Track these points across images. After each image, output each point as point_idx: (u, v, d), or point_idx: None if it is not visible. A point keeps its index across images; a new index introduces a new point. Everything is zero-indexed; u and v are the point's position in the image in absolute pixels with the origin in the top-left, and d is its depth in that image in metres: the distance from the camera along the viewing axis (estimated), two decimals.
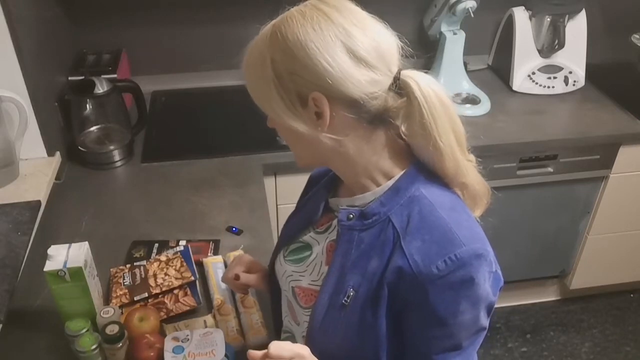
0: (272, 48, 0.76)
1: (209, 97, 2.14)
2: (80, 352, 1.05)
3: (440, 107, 0.76)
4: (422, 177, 0.81)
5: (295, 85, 0.75)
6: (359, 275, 0.80)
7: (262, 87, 0.78)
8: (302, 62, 0.73)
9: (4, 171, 1.52)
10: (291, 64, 0.74)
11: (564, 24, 2.10)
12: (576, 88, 2.15)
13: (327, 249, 0.89)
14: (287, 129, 0.79)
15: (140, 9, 2.01)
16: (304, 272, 0.92)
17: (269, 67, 0.76)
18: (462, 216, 0.80)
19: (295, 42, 0.73)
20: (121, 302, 1.20)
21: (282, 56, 0.75)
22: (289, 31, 0.74)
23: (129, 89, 1.78)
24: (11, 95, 1.47)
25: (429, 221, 0.77)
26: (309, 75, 0.74)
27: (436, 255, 0.74)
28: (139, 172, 1.72)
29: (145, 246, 1.39)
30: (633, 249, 2.28)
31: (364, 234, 0.81)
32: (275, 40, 0.75)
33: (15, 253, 1.29)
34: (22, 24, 1.48)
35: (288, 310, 0.98)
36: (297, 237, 0.96)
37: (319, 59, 0.72)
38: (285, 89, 0.76)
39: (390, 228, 0.79)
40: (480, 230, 0.80)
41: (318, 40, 0.73)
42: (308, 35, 0.73)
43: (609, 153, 1.98)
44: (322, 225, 0.91)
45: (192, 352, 1.01)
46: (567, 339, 2.34)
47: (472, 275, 0.74)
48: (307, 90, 0.75)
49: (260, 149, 1.79)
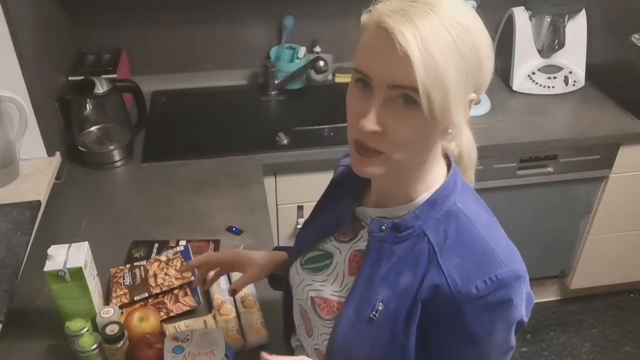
0: (458, 38, 0.67)
1: (209, 97, 2.14)
2: (80, 352, 1.05)
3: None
4: (458, 188, 0.78)
5: (467, 86, 0.70)
6: (389, 289, 0.77)
7: (461, 77, 0.68)
8: (480, 65, 0.69)
9: (4, 171, 1.52)
10: (474, 65, 0.69)
11: (564, 24, 2.10)
12: (576, 88, 2.15)
13: (351, 259, 0.85)
14: (432, 126, 0.70)
15: (140, 9, 2.01)
16: (324, 281, 0.88)
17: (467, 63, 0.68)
18: (499, 233, 0.78)
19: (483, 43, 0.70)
20: (121, 302, 1.20)
21: (473, 57, 0.68)
22: (476, 34, 0.69)
23: (129, 89, 1.78)
24: (11, 95, 1.47)
25: (467, 238, 0.75)
26: (479, 77, 0.70)
27: (475, 275, 0.71)
28: (139, 172, 1.72)
29: (145, 246, 1.39)
30: (633, 249, 2.28)
31: (396, 247, 0.78)
32: (471, 37, 0.68)
33: (15, 253, 1.29)
34: (22, 24, 1.48)
35: (301, 320, 0.94)
36: (316, 245, 0.91)
37: (489, 61, 0.71)
38: (466, 88, 0.70)
39: (425, 242, 0.76)
40: (516, 248, 0.78)
41: (488, 43, 0.70)
42: (483, 38, 0.70)
43: (609, 153, 1.98)
44: (346, 234, 0.88)
45: (192, 352, 1.01)
46: (567, 339, 2.34)
47: (511, 297, 0.72)
48: (470, 91, 0.71)
49: (260, 149, 1.79)
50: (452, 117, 0.69)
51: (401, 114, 0.68)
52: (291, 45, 2.15)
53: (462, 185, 0.80)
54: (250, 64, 2.19)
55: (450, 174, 0.79)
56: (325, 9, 2.12)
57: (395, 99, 0.68)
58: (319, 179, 1.80)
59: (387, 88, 0.67)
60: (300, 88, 2.16)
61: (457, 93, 0.67)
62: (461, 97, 0.69)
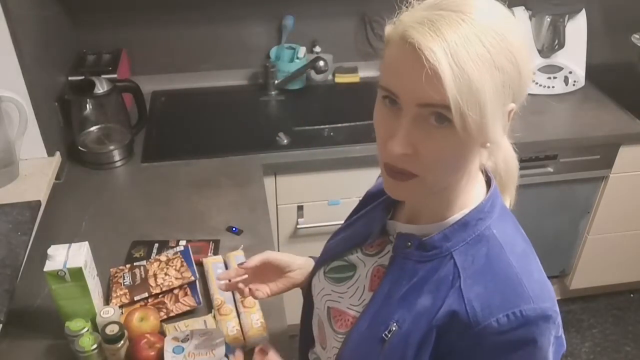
0: (493, 48, 0.61)
1: (209, 97, 2.14)
2: (80, 352, 1.05)
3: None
4: (496, 211, 0.73)
5: (505, 97, 0.64)
6: (406, 310, 0.72)
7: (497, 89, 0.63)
8: (517, 75, 0.64)
9: (4, 171, 1.52)
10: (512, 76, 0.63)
11: (564, 24, 2.10)
12: (576, 88, 2.15)
13: (373, 273, 0.81)
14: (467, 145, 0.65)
15: (140, 9, 2.01)
16: (343, 293, 0.84)
17: (500, 76, 0.62)
18: (533, 265, 0.71)
19: (517, 52, 0.63)
20: (121, 302, 1.20)
21: (509, 65, 0.63)
22: (509, 30, 0.63)
23: (129, 89, 1.78)
24: (11, 95, 1.47)
25: (496, 266, 0.69)
26: (518, 89, 0.65)
27: (498, 308, 0.65)
28: (139, 172, 1.72)
29: (145, 246, 1.39)
30: (633, 249, 2.28)
31: (420, 266, 0.73)
32: (507, 43, 0.62)
33: (15, 253, 1.29)
34: (22, 24, 1.48)
35: (317, 331, 0.92)
36: (342, 255, 0.88)
37: (528, 66, 0.65)
38: (505, 99, 0.65)
39: (451, 266, 0.70)
40: (551, 285, 0.72)
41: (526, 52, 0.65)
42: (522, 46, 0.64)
43: (609, 153, 1.98)
44: (373, 247, 0.84)
45: (192, 352, 1.01)
46: (567, 339, 2.32)
47: (536, 338, 0.66)
48: (509, 102, 0.66)
49: (260, 149, 1.79)
50: (489, 132, 0.63)
51: (433, 133, 0.63)
52: (291, 45, 2.15)
53: (501, 209, 0.74)
54: (250, 64, 2.19)
55: (489, 195, 0.74)
56: (325, 9, 2.12)
57: (426, 118, 0.63)
58: (319, 179, 1.81)
59: (417, 107, 0.62)
60: (300, 88, 2.16)
61: (493, 107, 0.62)
62: (498, 111, 0.63)
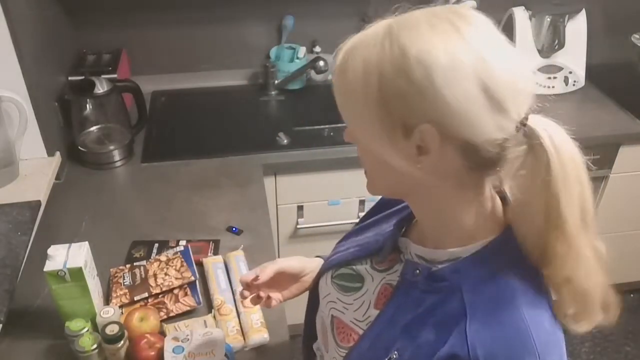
0: (384, 61, 0.60)
1: (209, 97, 2.14)
2: (80, 352, 1.05)
3: (573, 168, 0.62)
4: (511, 252, 0.67)
5: (403, 111, 0.60)
6: (408, 340, 0.69)
7: (358, 103, 0.63)
8: (421, 89, 0.58)
9: (4, 171, 1.52)
10: (405, 87, 0.59)
11: (564, 24, 2.10)
12: (576, 88, 2.15)
13: (381, 291, 0.79)
14: (371, 153, 0.67)
15: (140, 9, 2.01)
16: (349, 305, 0.82)
17: (375, 83, 0.61)
18: (544, 314, 0.66)
19: (418, 64, 0.58)
20: (121, 302, 1.20)
21: (395, 74, 0.59)
22: (412, 47, 0.59)
23: (129, 89, 1.78)
24: (11, 95, 1.47)
25: (505, 311, 0.64)
26: (426, 106, 0.59)
27: (502, 357, 0.62)
28: (139, 172, 1.72)
29: (145, 246, 1.39)
30: (633, 249, 2.28)
31: (426, 296, 0.70)
32: (390, 53, 0.60)
33: (15, 253, 1.29)
34: (22, 24, 1.48)
35: (320, 330, 0.91)
36: (352, 263, 0.85)
37: (444, 91, 0.58)
38: (388, 113, 0.61)
39: (458, 301, 0.66)
40: (560, 333, 0.67)
41: (448, 68, 0.58)
42: (437, 60, 0.58)
43: (609, 153, 1.98)
44: (384, 264, 0.81)
45: (192, 352, 1.01)
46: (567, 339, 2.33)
47: None
48: (417, 121, 0.60)
49: (260, 149, 1.79)
50: (372, 146, 0.65)
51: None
52: (291, 45, 2.15)
53: (516, 249, 0.68)
54: (250, 64, 2.19)
55: (503, 231, 0.69)
56: (325, 9, 2.12)
57: None
58: (319, 179, 1.81)
59: None
60: (300, 88, 2.16)
61: (356, 114, 0.65)
62: (365, 118, 0.63)
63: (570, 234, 0.63)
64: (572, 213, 0.62)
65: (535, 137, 0.62)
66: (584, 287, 0.65)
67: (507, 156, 0.63)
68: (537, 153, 0.62)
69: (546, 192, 0.62)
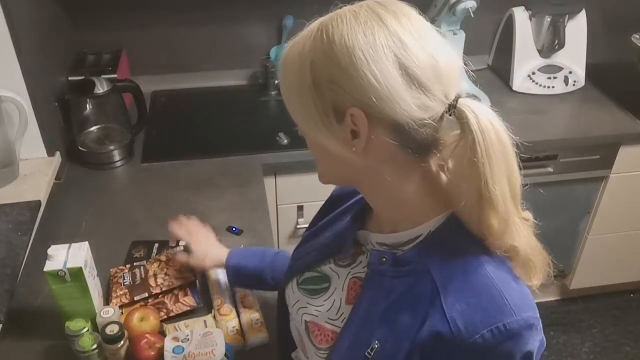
0: (315, 50, 0.66)
1: (209, 97, 2.14)
2: (80, 352, 1.05)
3: (498, 147, 0.65)
4: (467, 231, 0.70)
5: (333, 95, 0.65)
6: (387, 328, 0.71)
7: (295, 91, 0.68)
8: (346, 71, 0.64)
9: (4, 171, 1.52)
10: (333, 71, 0.64)
11: (564, 24, 2.10)
12: (576, 88, 2.15)
13: (350, 286, 0.80)
14: (315, 142, 0.71)
15: (140, 9, 2.01)
16: (320, 306, 0.83)
17: (308, 71, 0.66)
18: (510, 275, 0.70)
19: (342, 47, 0.64)
20: (121, 302, 1.20)
21: (324, 61, 0.65)
22: (337, 33, 0.65)
23: (129, 89, 1.78)
24: (11, 95, 1.47)
25: (475, 280, 0.67)
26: (351, 88, 0.64)
27: (482, 323, 0.65)
28: (139, 172, 1.72)
29: (145, 246, 1.39)
30: (633, 249, 2.28)
31: (396, 282, 0.72)
32: (320, 41, 0.66)
33: (15, 253, 1.29)
34: (22, 24, 1.48)
35: (298, 340, 0.92)
36: (315, 266, 0.87)
37: (365, 70, 0.63)
38: (321, 98, 0.66)
39: (428, 282, 0.69)
40: (529, 292, 0.71)
41: (368, 48, 0.63)
42: (357, 42, 0.63)
43: (609, 153, 1.98)
44: (347, 259, 0.83)
45: (192, 352, 1.01)
46: (567, 339, 2.34)
47: (522, 348, 0.66)
48: (346, 104, 0.65)
49: (260, 149, 1.79)
50: (306, 129, 0.70)
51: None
52: None
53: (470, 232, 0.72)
54: (250, 64, 2.19)
55: (454, 212, 0.72)
56: (325, 9, 2.12)
57: None
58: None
59: None
60: None
61: (295, 102, 0.69)
62: (302, 106, 0.69)
63: (503, 209, 0.66)
64: (501, 192, 0.65)
65: (463, 118, 0.65)
66: (527, 251, 0.70)
67: (442, 139, 0.68)
68: (465, 135, 0.65)
69: (475, 171, 0.65)
